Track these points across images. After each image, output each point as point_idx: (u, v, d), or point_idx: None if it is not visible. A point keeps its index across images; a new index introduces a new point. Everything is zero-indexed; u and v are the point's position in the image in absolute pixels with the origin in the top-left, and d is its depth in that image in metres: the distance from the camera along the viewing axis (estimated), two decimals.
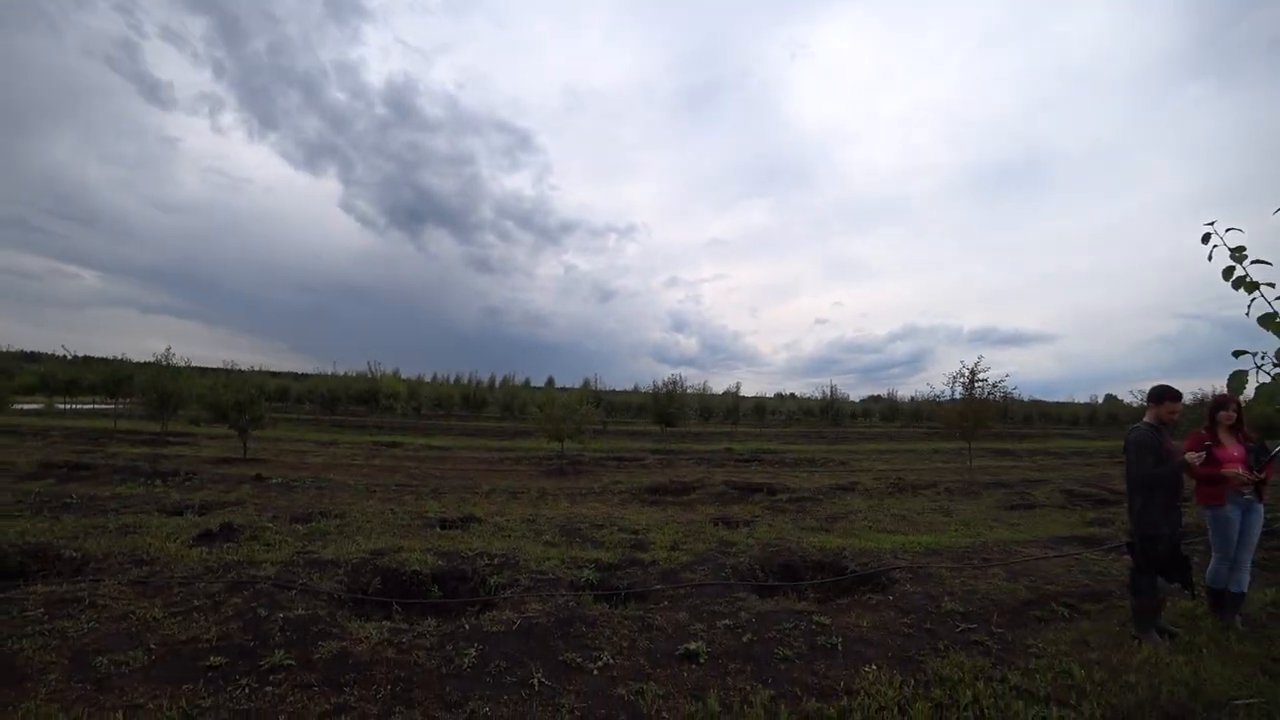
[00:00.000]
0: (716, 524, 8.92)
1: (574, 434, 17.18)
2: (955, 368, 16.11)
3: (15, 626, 4.38)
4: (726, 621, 4.78)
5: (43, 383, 39.31)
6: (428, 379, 49.10)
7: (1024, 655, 4.31)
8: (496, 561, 6.17)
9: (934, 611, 5.07)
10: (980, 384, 15.30)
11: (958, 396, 15.89)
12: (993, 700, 3.62)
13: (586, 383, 38.48)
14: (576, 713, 3.50)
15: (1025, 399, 46.96)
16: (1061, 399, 57.17)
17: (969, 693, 3.70)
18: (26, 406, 34.83)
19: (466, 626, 4.53)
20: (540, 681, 3.81)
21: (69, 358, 43.66)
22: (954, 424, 15.85)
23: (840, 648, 4.37)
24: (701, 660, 4.17)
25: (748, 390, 44.65)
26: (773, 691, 3.74)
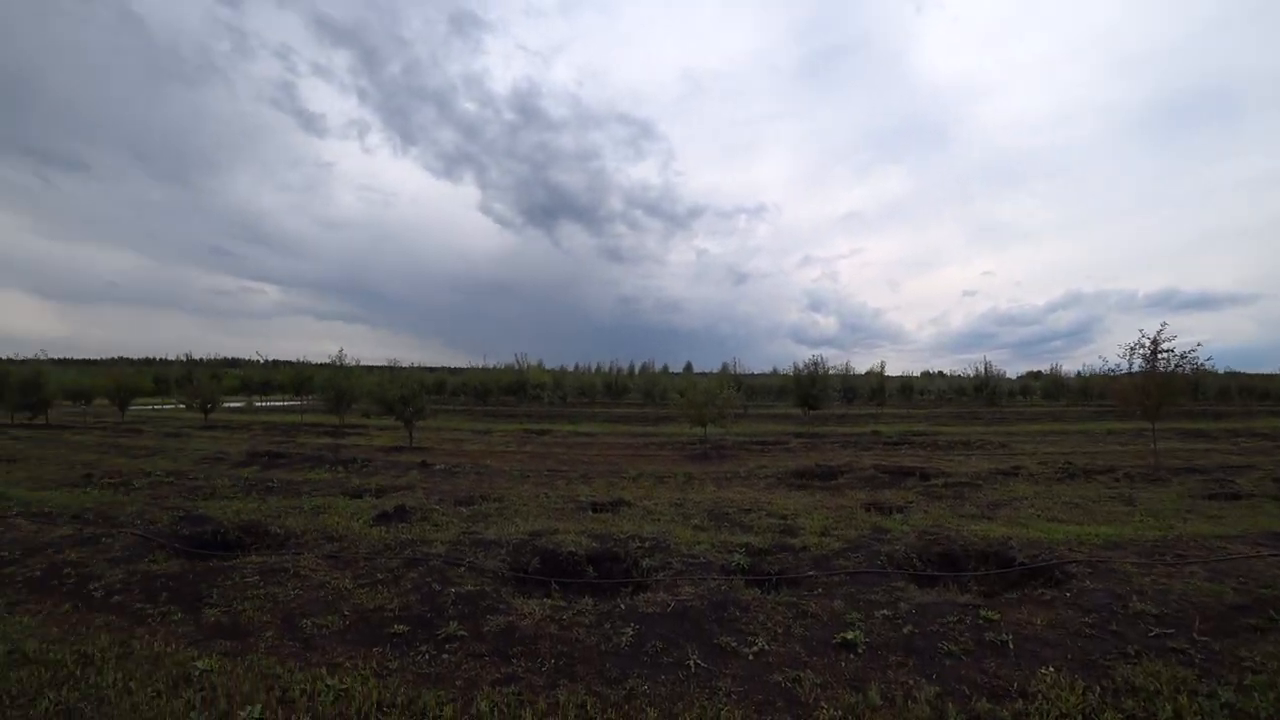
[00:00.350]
0: (868, 509, 8.61)
1: (716, 418, 17.14)
2: (1131, 337, 14.17)
3: (238, 590, 5.10)
4: (884, 611, 4.61)
5: (243, 384, 46.04)
6: (570, 369, 51.24)
7: (1235, 669, 3.78)
8: (648, 544, 6.32)
9: (1120, 612, 4.59)
10: (1164, 355, 13.42)
11: (1136, 370, 14.04)
12: (1198, 718, 3.24)
13: (724, 367, 38.39)
14: (733, 696, 3.52)
15: (1220, 371, 41.46)
16: (1268, 370, 49.61)
17: (1169, 707, 3.31)
18: (232, 404, 40.11)
19: (622, 606, 4.69)
20: (696, 663, 3.87)
21: (261, 362, 50.49)
22: (1133, 401, 14.09)
23: (1011, 645, 4.07)
24: (859, 650, 4.05)
25: (892, 369, 42.52)
26: (938, 688, 3.57)
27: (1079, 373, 45.42)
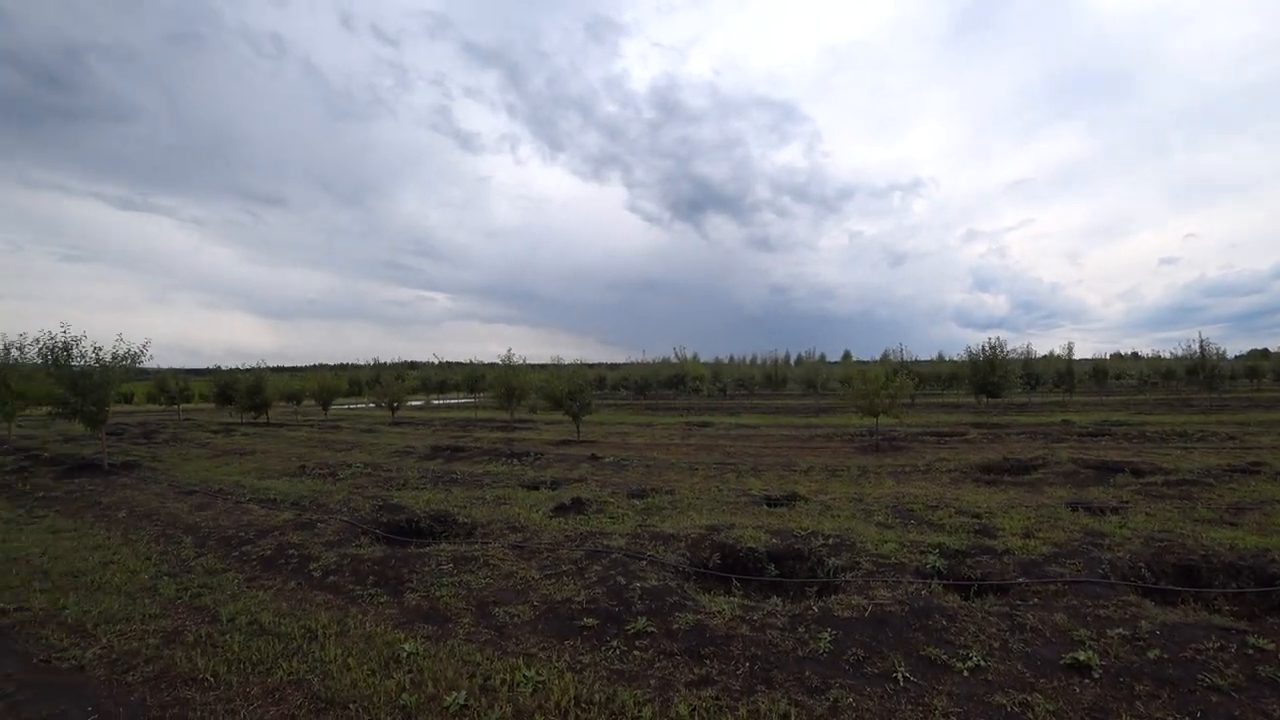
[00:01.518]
0: (1073, 509, 7.64)
1: (888, 408, 16.11)
2: None
3: (434, 577, 5.39)
4: (1120, 630, 3.97)
5: (422, 384, 50.38)
6: (726, 360, 51.04)
7: None
8: (831, 542, 5.96)
9: None
10: None
11: None
12: None
13: (886, 354, 36.29)
14: (952, 717, 3.14)
15: None
16: None
17: None
18: (413, 403, 43.85)
19: (815, 609, 4.40)
20: (904, 676, 3.52)
21: (437, 363, 55.03)
22: None
23: None
24: (1095, 674, 3.49)
25: (1077, 352, 37.70)
26: None
27: None
